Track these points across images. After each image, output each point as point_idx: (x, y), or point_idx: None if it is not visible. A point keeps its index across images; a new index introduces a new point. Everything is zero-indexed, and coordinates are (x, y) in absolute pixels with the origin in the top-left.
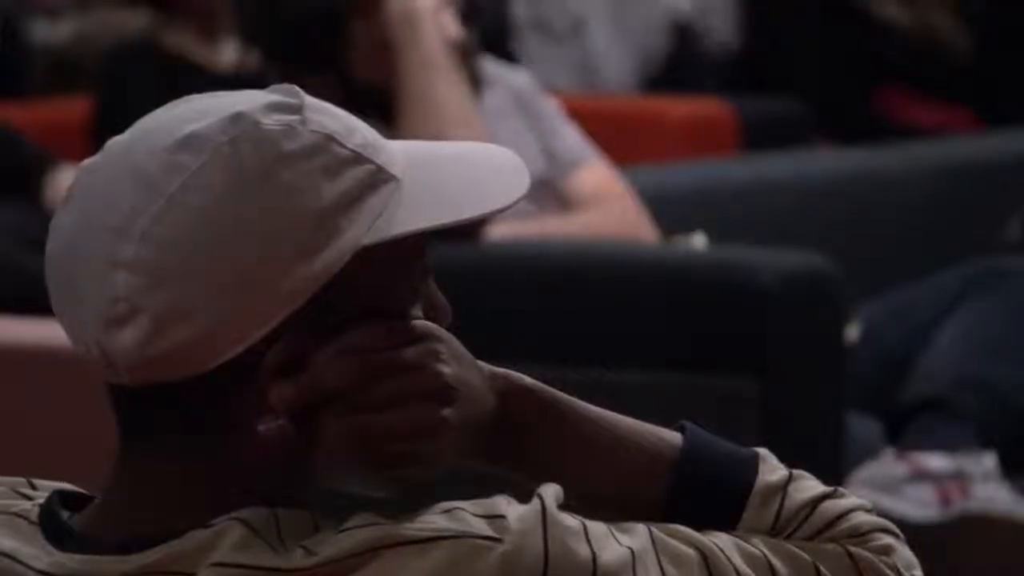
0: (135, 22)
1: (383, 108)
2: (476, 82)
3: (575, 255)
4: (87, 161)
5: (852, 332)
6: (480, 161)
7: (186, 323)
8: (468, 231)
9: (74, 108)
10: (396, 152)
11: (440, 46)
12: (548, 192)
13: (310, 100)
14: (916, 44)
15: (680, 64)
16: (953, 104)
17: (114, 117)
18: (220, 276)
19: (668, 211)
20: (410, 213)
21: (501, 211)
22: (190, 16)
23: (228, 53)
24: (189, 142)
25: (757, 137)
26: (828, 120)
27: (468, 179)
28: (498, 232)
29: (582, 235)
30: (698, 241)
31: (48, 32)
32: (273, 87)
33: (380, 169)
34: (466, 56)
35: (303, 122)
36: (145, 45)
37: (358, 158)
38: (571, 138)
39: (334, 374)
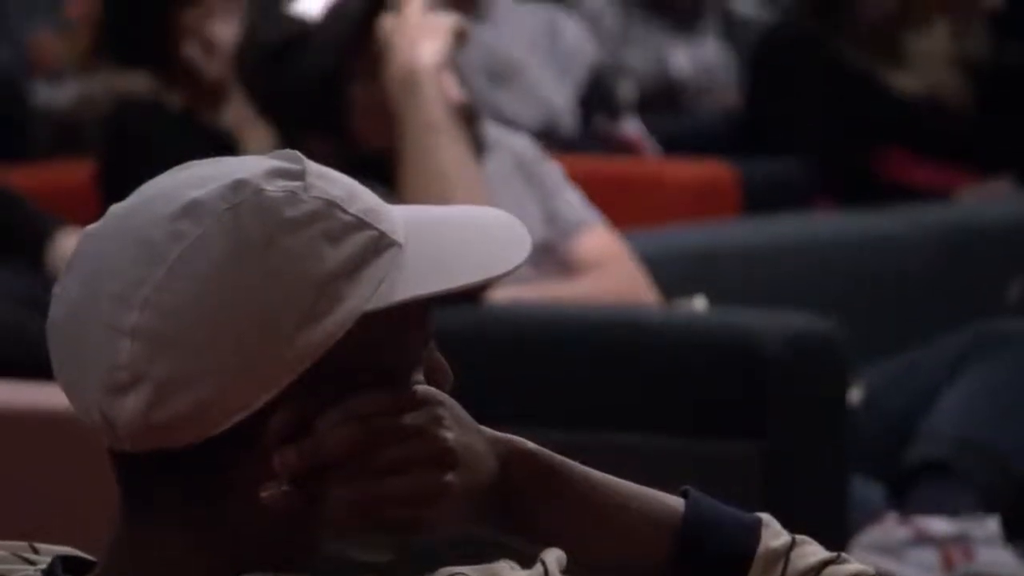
0: (138, 84)
1: (385, 172)
2: (478, 145)
3: (576, 319)
4: (90, 228)
5: (854, 395)
6: (481, 226)
7: (188, 391)
8: (469, 294)
9: (77, 171)
10: (398, 217)
11: (442, 109)
12: (550, 256)
13: (312, 166)
14: (918, 106)
15: (681, 125)
16: (955, 166)
17: (119, 176)
18: (222, 344)
19: (669, 274)
20: (412, 279)
21: (503, 277)
22: (191, 77)
23: (232, 113)
24: (191, 210)
25: (759, 199)
26: (830, 182)
27: (470, 244)
28: (499, 296)
29: (584, 299)
30: (699, 304)
31: (50, 95)
32: (275, 152)
33: (382, 235)
34: (468, 119)
35: (305, 188)
36: (150, 104)
37: (360, 224)
38: (573, 202)
39: (337, 440)
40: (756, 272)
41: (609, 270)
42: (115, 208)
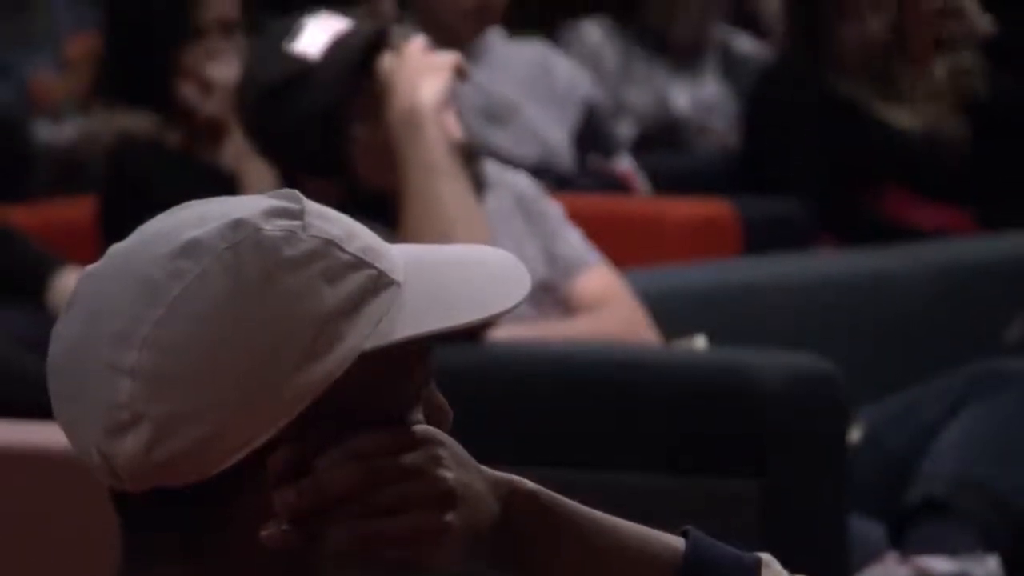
0: (138, 123)
1: (386, 211)
2: (479, 184)
3: (576, 358)
4: (89, 268)
5: (854, 434)
6: (481, 265)
7: (188, 430)
8: (470, 333)
9: (78, 209)
10: (396, 256)
11: (443, 148)
12: (550, 296)
13: (311, 205)
14: (916, 146)
15: (681, 163)
16: (953, 205)
17: (119, 215)
18: (222, 383)
19: (670, 313)
20: (411, 317)
21: (502, 315)
22: (190, 116)
23: (232, 151)
24: (190, 249)
25: (759, 238)
26: (829, 221)
27: (469, 283)
28: (499, 335)
29: (584, 338)
30: (699, 344)
31: (51, 134)
32: (274, 192)
33: (381, 274)
34: (468, 158)
35: (304, 227)
36: (149, 143)
37: (359, 263)
38: (573, 241)
39: (336, 480)
40: (756, 311)
41: (609, 309)
42: (115, 248)
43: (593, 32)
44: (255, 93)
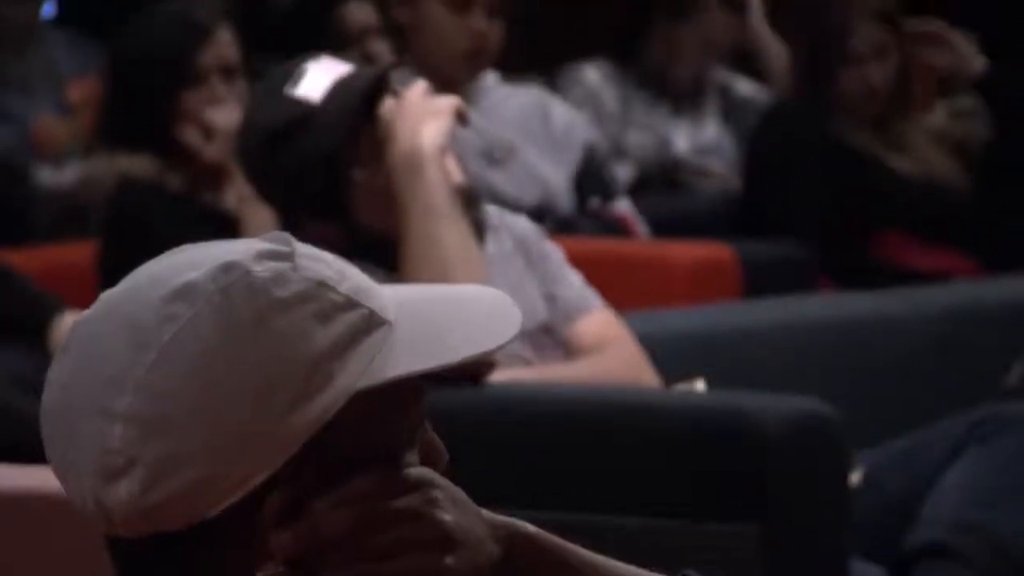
0: (139, 166)
1: (386, 254)
2: (479, 228)
3: (576, 401)
4: (82, 314)
5: (854, 478)
6: (471, 302)
7: (181, 474)
8: (471, 376)
9: (79, 253)
10: (387, 296)
11: (444, 192)
12: (550, 338)
13: (301, 247)
14: (917, 190)
15: (681, 206)
16: (954, 249)
17: (119, 258)
18: (215, 426)
19: (670, 356)
20: (403, 356)
21: (494, 352)
22: (191, 159)
23: (233, 194)
24: (182, 292)
25: (759, 281)
26: (829, 265)
27: (459, 321)
28: (499, 378)
29: (584, 381)
30: (699, 387)
31: (52, 177)
32: (266, 235)
33: (373, 313)
34: (469, 202)
35: (294, 268)
36: (150, 186)
37: (351, 303)
38: (573, 284)
39: (332, 523)
40: (756, 354)
41: (610, 352)
42: (106, 294)
43: (593, 74)
44: (256, 137)
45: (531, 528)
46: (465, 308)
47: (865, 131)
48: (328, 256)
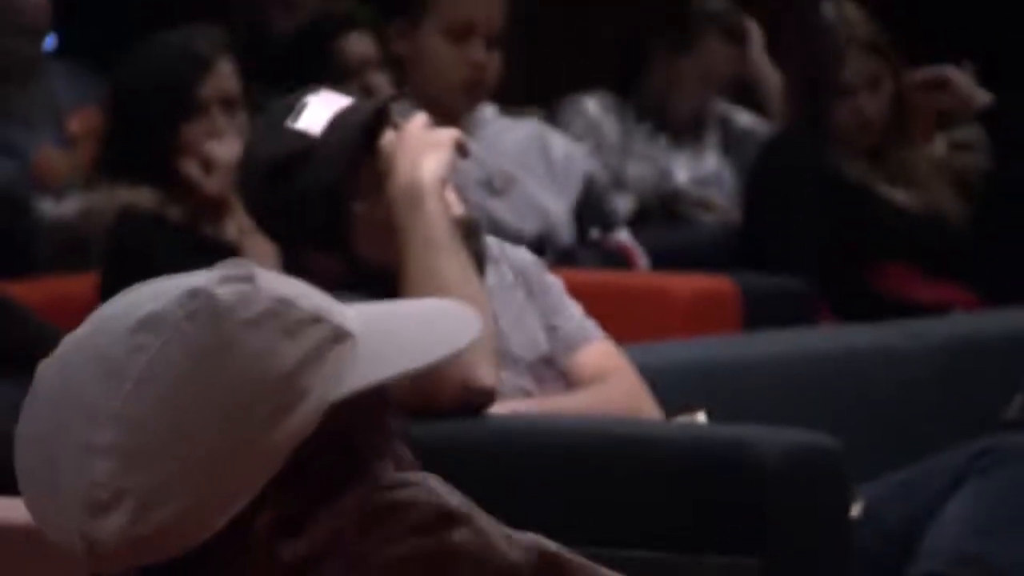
0: (140, 197)
1: (387, 285)
2: (479, 259)
3: (576, 432)
4: (47, 359)
5: (855, 509)
6: (429, 310)
7: (169, 502)
8: (471, 409)
9: (81, 284)
10: (348, 312)
11: (444, 224)
12: (550, 370)
13: (260, 270)
14: (917, 222)
15: (681, 238)
16: (954, 281)
17: (122, 287)
18: (197, 450)
19: (670, 388)
20: (372, 365)
21: (457, 353)
22: (192, 191)
23: (234, 226)
24: (149, 322)
25: (759, 313)
26: (829, 297)
27: (420, 326)
28: (500, 409)
29: (584, 413)
30: (700, 419)
31: (54, 209)
32: (222, 262)
33: (337, 327)
34: (469, 234)
35: (256, 289)
36: (151, 217)
37: (315, 318)
38: (574, 316)
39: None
40: (757, 386)
41: (610, 384)
42: (71, 336)
43: (593, 106)
44: (257, 170)
45: (553, 545)
46: (423, 315)
47: (862, 162)
48: (287, 277)
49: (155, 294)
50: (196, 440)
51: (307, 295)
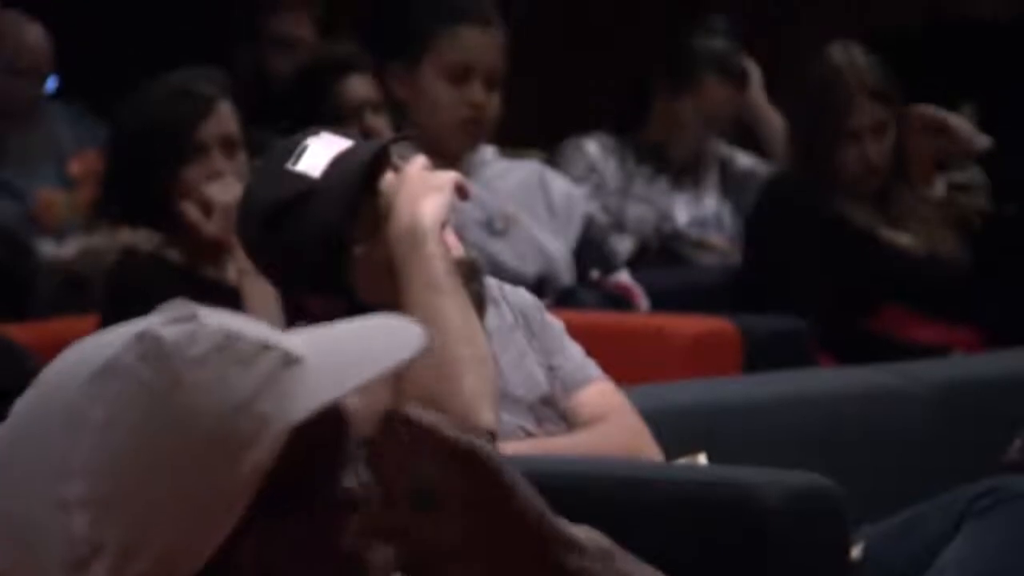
0: (140, 238)
1: None
2: (480, 301)
3: (577, 473)
4: (10, 416)
5: (855, 552)
6: (371, 327)
7: (149, 548)
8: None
9: (81, 326)
10: (294, 338)
11: (444, 266)
12: (551, 411)
13: (202, 309)
14: (917, 264)
15: (681, 279)
16: (954, 323)
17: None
18: (167, 490)
19: (671, 429)
20: (324, 385)
21: (404, 363)
22: (192, 234)
23: (234, 267)
24: (104, 370)
25: (760, 355)
26: (830, 339)
27: (366, 343)
28: (500, 450)
29: (585, 454)
30: (701, 461)
31: (54, 250)
32: (164, 306)
33: (286, 352)
34: (469, 275)
35: (201, 326)
36: (151, 258)
37: (262, 347)
38: (574, 356)
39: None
40: (757, 428)
41: (611, 425)
42: (20, 401)
43: (593, 148)
44: (257, 212)
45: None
46: (367, 335)
47: (864, 206)
48: (229, 315)
49: (106, 343)
50: (165, 480)
51: (252, 327)
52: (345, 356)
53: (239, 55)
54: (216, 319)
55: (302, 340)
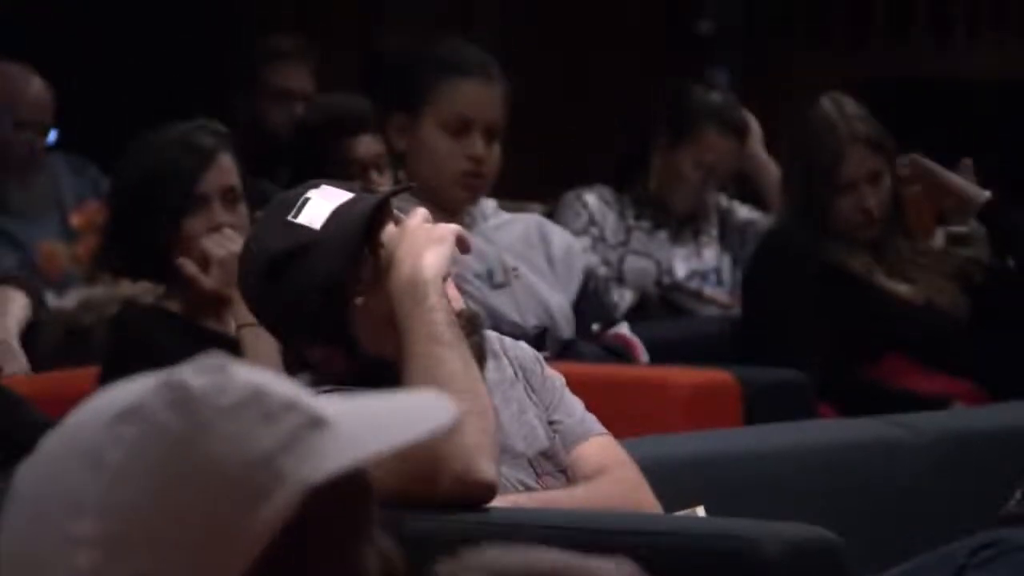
0: (141, 289)
1: (387, 379)
2: (480, 354)
3: (576, 527)
4: (28, 458)
5: None
6: (401, 397)
7: None
8: (470, 503)
9: (83, 378)
10: (321, 400)
11: (446, 319)
12: (551, 464)
13: (233, 362)
14: (916, 315)
15: (681, 331)
16: (954, 373)
17: (123, 379)
18: (177, 537)
19: (670, 482)
20: (346, 449)
21: (433, 433)
22: (193, 286)
23: (235, 319)
24: (127, 413)
25: (758, 407)
26: (829, 390)
27: (394, 412)
28: (500, 502)
29: (584, 506)
30: (700, 514)
31: (56, 302)
32: (194, 359)
33: (312, 412)
34: (470, 328)
35: (230, 378)
36: (152, 309)
37: (289, 404)
38: (575, 411)
39: None
40: (757, 480)
41: (610, 478)
42: (47, 439)
43: (593, 200)
44: (258, 264)
45: None
46: (396, 401)
47: (862, 255)
48: (259, 369)
49: (132, 388)
50: (176, 527)
51: (281, 383)
52: (371, 423)
53: (237, 106)
54: (245, 373)
55: (331, 404)
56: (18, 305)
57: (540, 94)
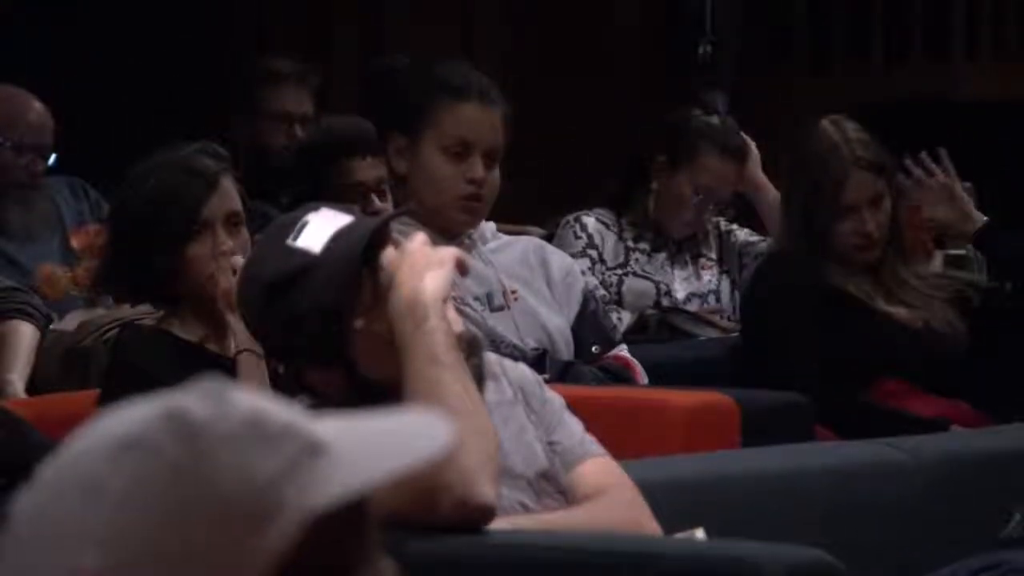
0: (141, 312)
1: (387, 401)
2: (480, 376)
3: (576, 548)
4: (24, 493)
5: None
6: (400, 421)
7: None
8: (468, 526)
9: (82, 401)
10: (321, 424)
11: (446, 341)
12: (550, 486)
13: (233, 387)
14: (915, 338)
15: (680, 354)
16: (952, 397)
17: (123, 401)
18: (181, 565)
19: (670, 504)
20: (347, 474)
21: (431, 458)
22: (191, 306)
23: (236, 342)
24: (128, 442)
25: (757, 429)
26: (828, 413)
27: (393, 436)
28: (499, 525)
29: (584, 528)
30: (699, 536)
31: (56, 324)
32: (196, 384)
33: (312, 438)
34: (470, 350)
35: (230, 405)
36: (152, 331)
37: (289, 431)
38: (574, 432)
39: None
40: (756, 502)
41: (610, 499)
42: (46, 468)
43: (592, 223)
44: (258, 287)
45: None
46: (395, 425)
47: (862, 279)
48: (259, 395)
49: (132, 415)
50: (178, 556)
51: (281, 409)
52: (372, 448)
53: (237, 128)
54: (246, 399)
55: (330, 427)
56: (26, 340)
57: (540, 118)
